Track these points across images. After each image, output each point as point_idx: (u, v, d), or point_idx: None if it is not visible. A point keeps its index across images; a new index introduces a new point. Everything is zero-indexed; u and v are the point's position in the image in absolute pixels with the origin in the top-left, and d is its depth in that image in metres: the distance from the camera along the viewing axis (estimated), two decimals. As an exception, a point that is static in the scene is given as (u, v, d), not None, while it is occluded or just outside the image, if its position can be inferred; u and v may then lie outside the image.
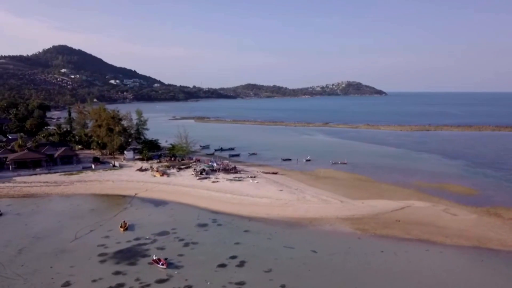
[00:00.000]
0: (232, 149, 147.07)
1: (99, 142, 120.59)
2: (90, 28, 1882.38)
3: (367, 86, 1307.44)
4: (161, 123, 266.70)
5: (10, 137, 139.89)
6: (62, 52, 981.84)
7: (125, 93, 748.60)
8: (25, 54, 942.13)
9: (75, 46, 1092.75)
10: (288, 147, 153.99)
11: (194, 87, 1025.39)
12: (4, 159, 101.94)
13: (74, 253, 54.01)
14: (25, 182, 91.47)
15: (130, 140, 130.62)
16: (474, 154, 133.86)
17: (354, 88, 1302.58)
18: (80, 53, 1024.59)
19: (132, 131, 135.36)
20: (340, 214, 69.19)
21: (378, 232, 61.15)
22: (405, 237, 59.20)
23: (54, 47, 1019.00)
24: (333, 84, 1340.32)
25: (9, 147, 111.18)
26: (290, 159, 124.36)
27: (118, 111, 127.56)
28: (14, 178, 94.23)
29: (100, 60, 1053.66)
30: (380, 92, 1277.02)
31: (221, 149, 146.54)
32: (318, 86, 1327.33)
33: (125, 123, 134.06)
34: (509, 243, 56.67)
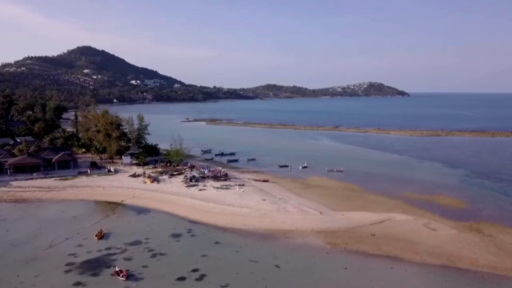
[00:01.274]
0: (232, 154, 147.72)
1: (98, 147, 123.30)
2: (114, 28, 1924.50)
3: (389, 87, 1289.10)
4: (172, 125, 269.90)
5: (18, 140, 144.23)
6: (86, 52, 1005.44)
7: (144, 93, 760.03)
8: (50, 55, 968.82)
9: (99, 46, 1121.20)
10: (290, 152, 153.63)
11: (214, 87, 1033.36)
12: (4, 163, 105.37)
13: (44, 262, 55.61)
14: (20, 187, 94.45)
15: (130, 145, 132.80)
16: (478, 163, 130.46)
17: (375, 89, 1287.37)
18: (103, 53, 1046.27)
19: (134, 136, 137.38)
20: (316, 227, 68.84)
21: (349, 247, 60.60)
22: (374, 253, 58.54)
23: (78, 48, 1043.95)
24: (354, 85, 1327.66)
25: (12, 151, 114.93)
26: (287, 166, 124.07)
27: (117, 116, 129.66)
28: (10, 182, 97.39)
29: (122, 61, 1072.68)
30: (402, 93, 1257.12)
31: (222, 154, 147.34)
32: (339, 87, 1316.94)
33: (126, 127, 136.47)
34: (480, 262, 55.35)
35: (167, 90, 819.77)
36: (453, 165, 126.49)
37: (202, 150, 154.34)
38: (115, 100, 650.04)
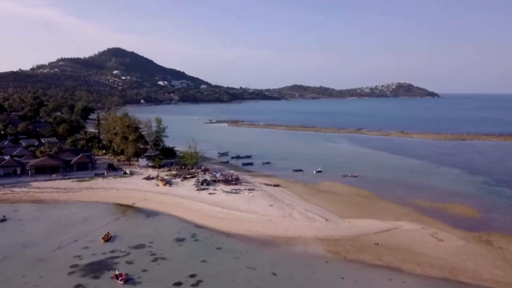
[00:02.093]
0: (248, 157, 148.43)
1: (115, 149, 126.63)
2: (144, 30, 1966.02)
3: (418, 88, 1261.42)
4: (195, 126, 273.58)
5: (43, 141, 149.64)
6: (116, 54, 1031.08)
7: (171, 94, 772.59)
8: (82, 57, 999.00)
9: (129, 48, 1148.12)
10: (307, 156, 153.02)
11: (241, 88, 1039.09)
12: (26, 164, 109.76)
13: (50, 263, 57.78)
14: (39, 188, 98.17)
15: (147, 147, 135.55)
16: (500, 170, 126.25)
17: (404, 90, 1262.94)
18: (132, 55, 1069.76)
19: (152, 138, 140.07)
20: (319, 234, 68.55)
21: (349, 256, 60.10)
22: (374, 263, 57.87)
23: (108, 49, 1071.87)
24: (382, 86, 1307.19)
25: (35, 153, 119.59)
26: (301, 170, 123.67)
27: (135, 119, 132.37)
28: (31, 183, 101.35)
29: (151, 62, 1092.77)
30: (432, 94, 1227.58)
31: (238, 157, 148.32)
32: (366, 87, 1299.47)
33: (145, 130, 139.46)
34: (483, 276, 53.87)
35: (194, 91, 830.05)
36: (473, 172, 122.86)
37: (219, 153, 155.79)
38: (142, 101, 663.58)
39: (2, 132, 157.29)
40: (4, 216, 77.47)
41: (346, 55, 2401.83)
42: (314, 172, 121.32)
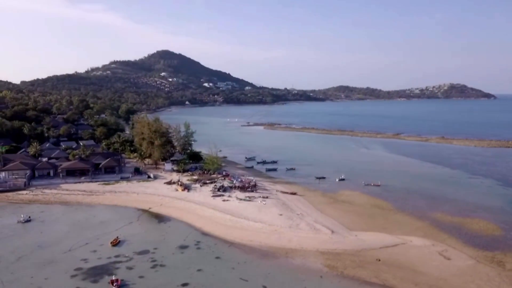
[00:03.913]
0: (274, 162, 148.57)
1: (142, 153, 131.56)
2: (194, 32, 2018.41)
3: (472, 89, 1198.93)
4: (231, 129, 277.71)
5: (81, 144, 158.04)
6: (164, 56, 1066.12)
7: (215, 96, 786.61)
8: (133, 59, 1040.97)
9: (177, 50, 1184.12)
10: (335, 162, 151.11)
11: (285, 89, 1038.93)
12: (59, 166, 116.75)
13: (58, 265, 61.47)
14: (67, 190, 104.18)
15: (174, 152, 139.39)
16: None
17: (457, 91, 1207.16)
18: (180, 57, 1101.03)
19: (180, 143, 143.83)
20: (321, 247, 67.77)
21: (346, 272, 59.04)
22: (370, 281, 56.49)
23: (158, 52, 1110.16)
24: (433, 87, 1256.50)
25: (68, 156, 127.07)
26: (324, 177, 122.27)
27: (162, 125, 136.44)
28: (61, 185, 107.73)
29: (197, 64, 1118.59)
30: (488, 96, 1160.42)
31: (264, 162, 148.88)
32: (416, 89, 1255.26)
33: (174, 135, 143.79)
34: (483, 301, 51.03)
35: (238, 93, 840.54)
36: (509, 184, 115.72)
37: (246, 158, 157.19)
38: (187, 102, 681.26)
39: (45, 135, 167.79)
40: (29, 217, 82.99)
41: (396, 55, 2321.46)
42: (337, 180, 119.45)
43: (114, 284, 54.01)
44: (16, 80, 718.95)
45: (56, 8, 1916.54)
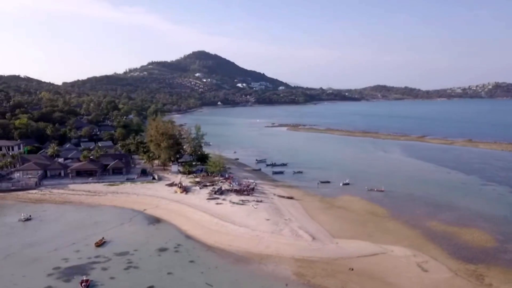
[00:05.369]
0: (284, 165, 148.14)
1: (150, 155, 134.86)
2: (231, 32, 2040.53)
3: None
4: (253, 131, 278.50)
5: (100, 144, 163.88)
6: (200, 57, 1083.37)
7: (248, 96, 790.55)
8: (169, 60, 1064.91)
9: (212, 50, 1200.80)
10: (347, 165, 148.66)
11: (320, 89, 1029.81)
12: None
13: (39, 264, 64.40)
14: (73, 190, 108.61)
15: (183, 153, 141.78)
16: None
17: (503, 90, 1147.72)
18: (215, 57, 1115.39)
19: (192, 145, 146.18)
20: (298, 254, 67.18)
21: (313, 281, 58.34)
22: (335, 291, 55.55)
23: (193, 52, 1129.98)
24: (477, 86, 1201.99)
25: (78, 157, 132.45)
26: (328, 182, 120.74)
27: (170, 127, 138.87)
28: (69, 185, 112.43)
29: (232, 64, 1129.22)
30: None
31: (274, 165, 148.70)
32: (458, 88, 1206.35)
33: (184, 137, 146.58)
34: (447, 317, 49.02)
35: (270, 93, 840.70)
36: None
37: (257, 160, 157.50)
38: (219, 103, 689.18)
39: (68, 136, 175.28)
40: (30, 216, 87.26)
41: (434, 53, 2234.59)
42: (341, 184, 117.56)
43: (83, 285, 56.04)
44: (58, 81, 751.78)
45: (98, 12, 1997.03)
